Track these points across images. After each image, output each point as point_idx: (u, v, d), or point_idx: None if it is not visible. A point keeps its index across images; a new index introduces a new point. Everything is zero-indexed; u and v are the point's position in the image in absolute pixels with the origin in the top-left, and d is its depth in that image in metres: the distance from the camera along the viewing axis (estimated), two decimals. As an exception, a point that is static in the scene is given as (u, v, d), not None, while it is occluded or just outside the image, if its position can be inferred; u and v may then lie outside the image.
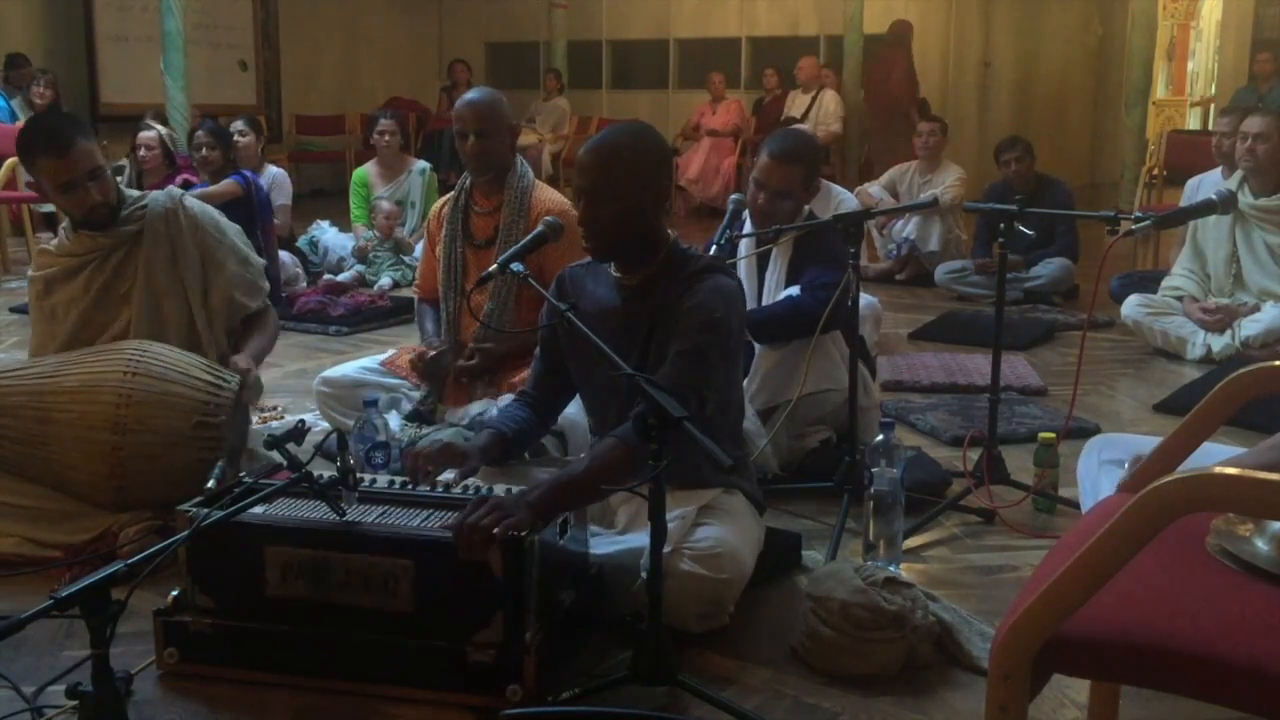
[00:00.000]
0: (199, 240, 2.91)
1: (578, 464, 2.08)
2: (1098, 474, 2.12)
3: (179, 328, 2.88)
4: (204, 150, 5.44)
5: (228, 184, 5.27)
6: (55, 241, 2.96)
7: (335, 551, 1.98)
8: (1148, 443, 1.94)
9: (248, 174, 5.47)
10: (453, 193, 3.31)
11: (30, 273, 3.01)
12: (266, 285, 3.08)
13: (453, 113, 3.24)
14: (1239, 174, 4.65)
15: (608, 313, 2.29)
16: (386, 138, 6.50)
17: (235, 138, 5.85)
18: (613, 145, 2.19)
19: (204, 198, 3.50)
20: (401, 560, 1.95)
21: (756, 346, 3.14)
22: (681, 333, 2.14)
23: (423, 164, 6.69)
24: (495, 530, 1.87)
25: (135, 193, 2.98)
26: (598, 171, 2.15)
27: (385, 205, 6.40)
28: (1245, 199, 4.52)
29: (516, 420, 2.41)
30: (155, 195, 2.95)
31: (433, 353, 3.16)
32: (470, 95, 3.23)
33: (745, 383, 3.10)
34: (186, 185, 6.21)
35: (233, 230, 3.04)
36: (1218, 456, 1.88)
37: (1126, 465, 1.88)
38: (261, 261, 3.13)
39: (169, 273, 2.87)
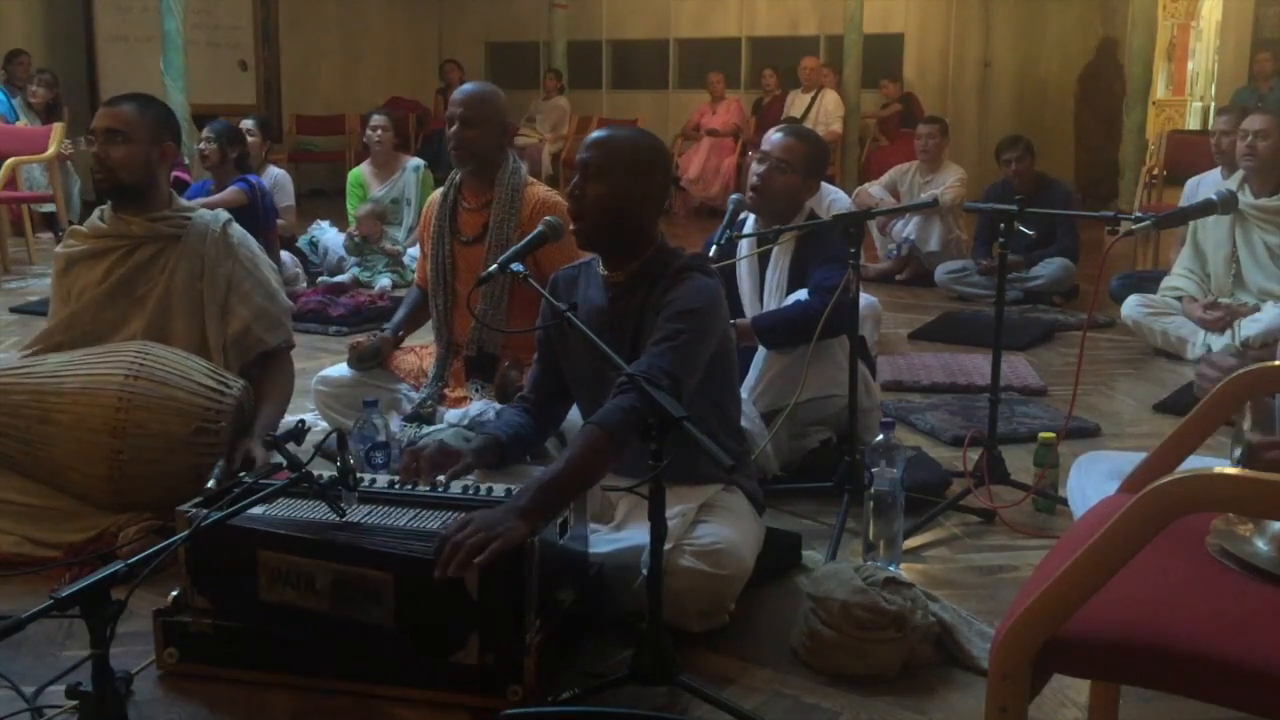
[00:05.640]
0: (230, 266, 2.91)
1: (560, 459, 2.05)
2: (1087, 489, 2.10)
3: (186, 346, 2.83)
4: (202, 144, 5.51)
5: (233, 192, 5.27)
6: (90, 220, 2.96)
7: (319, 560, 1.95)
8: (1135, 458, 1.93)
9: (252, 179, 5.47)
10: (442, 189, 3.30)
11: (56, 249, 3.03)
12: (289, 326, 3.06)
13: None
14: (1240, 174, 4.64)
15: (596, 312, 2.31)
16: (379, 133, 6.48)
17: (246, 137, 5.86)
18: (617, 134, 2.32)
19: (209, 206, 3.51)
20: (381, 573, 1.91)
21: (762, 349, 3.13)
22: (659, 324, 2.17)
23: (417, 161, 6.67)
24: (480, 554, 1.82)
25: (187, 203, 3.00)
26: (597, 147, 2.25)
27: (366, 206, 6.40)
28: (1245, 199, 4.51)
29: (513, 426, 2.41)
30: (203, 212, 2.96)
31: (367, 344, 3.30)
32: (465, 85, 3.25)
33: (749, 385, 3.11)
34: (176, 182, 6.18)
35: (267, 265, 3.05)
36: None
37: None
38: (289, 304, 3.13)
39: (191, 287, 2.86)
